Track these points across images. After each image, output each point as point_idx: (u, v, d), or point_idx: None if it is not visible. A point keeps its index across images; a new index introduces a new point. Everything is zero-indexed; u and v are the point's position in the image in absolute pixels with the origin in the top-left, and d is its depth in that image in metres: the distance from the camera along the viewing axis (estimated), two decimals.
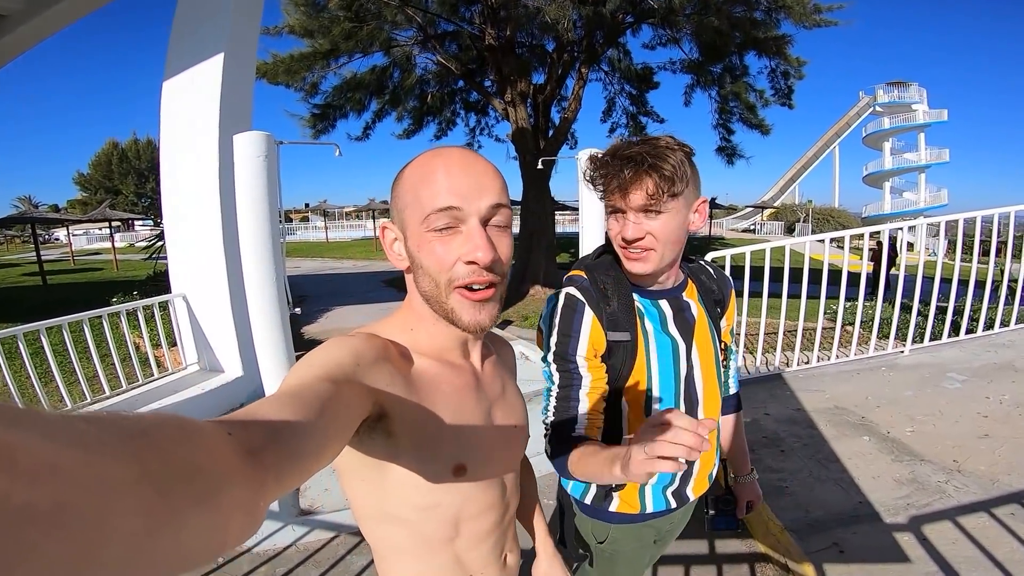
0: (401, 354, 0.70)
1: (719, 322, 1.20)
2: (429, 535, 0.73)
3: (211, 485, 0.32)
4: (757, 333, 4.16)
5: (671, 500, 1.17)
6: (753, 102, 10.81)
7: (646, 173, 0.95)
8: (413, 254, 0.69)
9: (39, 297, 12.00)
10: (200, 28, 4.24)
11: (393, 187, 0.72)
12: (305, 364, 0.58)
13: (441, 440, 0.69)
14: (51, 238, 35.31)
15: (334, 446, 0.50)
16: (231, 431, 0.37)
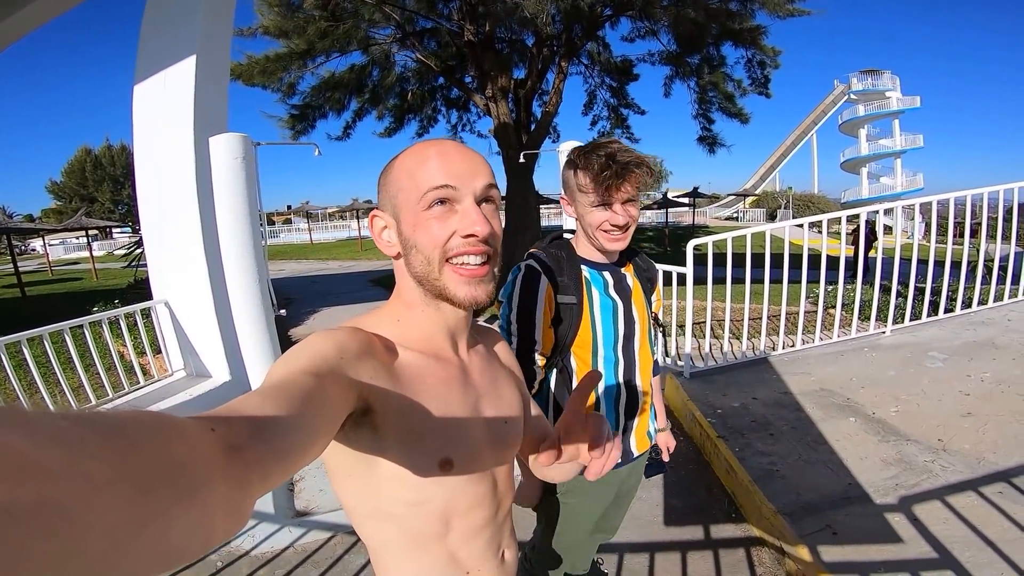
0: (386, 347, 0.70)
1: (650, 297, 1.47)
2: (419, 531, 0.72)
3: (194, 482, 0.31)
4: (742, 319, 4.20)
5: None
6: (731, 92, 10.92)
7: (634, 176, 1.21)
8: (407, 235, 0.70)
9: (18, 309, 11.72)
10: (170, 30, 4.15)
11: (383, 175, 0.73)
12: (288, 358, 0.58)
13: (426, 434, 0.69)
14: (27, 249, 34.50)
15: (320, 441, 0.49)
16: (214, 427, 0.37)
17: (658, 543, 2.33)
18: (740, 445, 2.78)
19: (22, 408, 0.25)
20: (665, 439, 1.64)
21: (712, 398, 3.48)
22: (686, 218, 29.66)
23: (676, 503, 2.64)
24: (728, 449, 2.74)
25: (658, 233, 23.88)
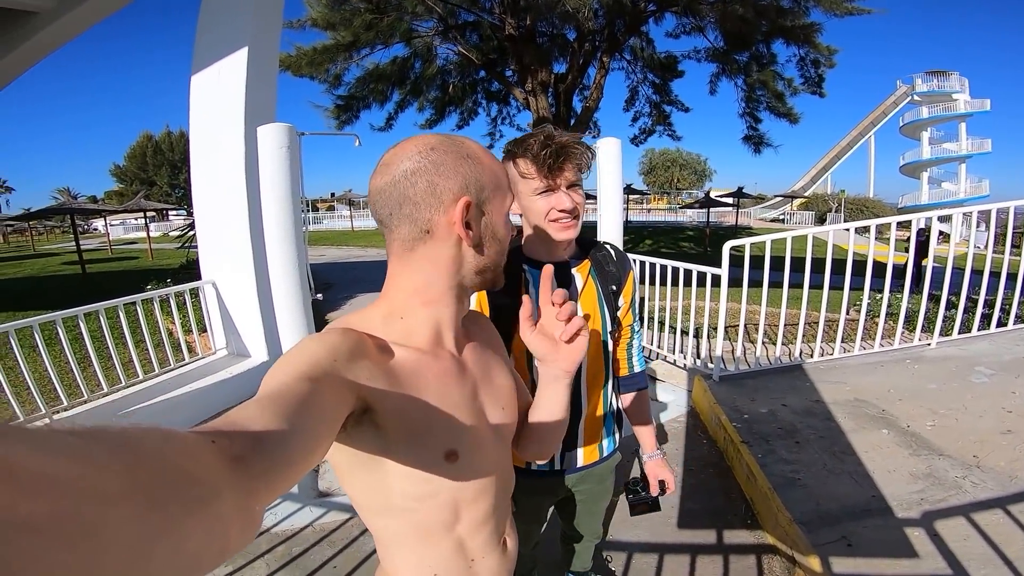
0: (378, 346, 0.69)
1: (613, 299, 1.36)
2: (430, 523, 0.74)
3: (203, 492, 0.32)
4: (777, 324, 4.10)
5: (557, 463, 1.38)
6: (781, 90, 10.61)
7: (575, 155, 1.16)
8: (496, 228, 0.75)
9: (78, 285, 12.47)
10: (224, 23, 4.34)
11: (471, 163, 0.73)
12: (282, 365, 0.58)
13: (429, 428, 0.70)
14: (90, 228, 36.53)
15: (321, 445, 0.50)
16: (214, 439, 0.37)
17: (668, 544, 2.33)
18: (763, 451, 2.74)
19: (26, 425, 0.26)
20: (655, 469, 1.49)
21: (740, 402, 3.42)
22: (729, 218, 28.93)
23: (692, 506, 2.62)
24: (751, 455, 2.70)
25: (699, 233, 23.39)
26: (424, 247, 0.71)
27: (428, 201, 0.69)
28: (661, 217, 33.62)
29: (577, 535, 1.64)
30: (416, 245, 0.71)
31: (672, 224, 30.27)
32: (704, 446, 3.27)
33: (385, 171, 0.71)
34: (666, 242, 21.66)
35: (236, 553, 0.36)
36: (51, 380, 3.50)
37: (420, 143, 0.71)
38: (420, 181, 0.69)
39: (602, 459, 1.44)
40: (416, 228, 0.70)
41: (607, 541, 2.37)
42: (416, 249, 0.72)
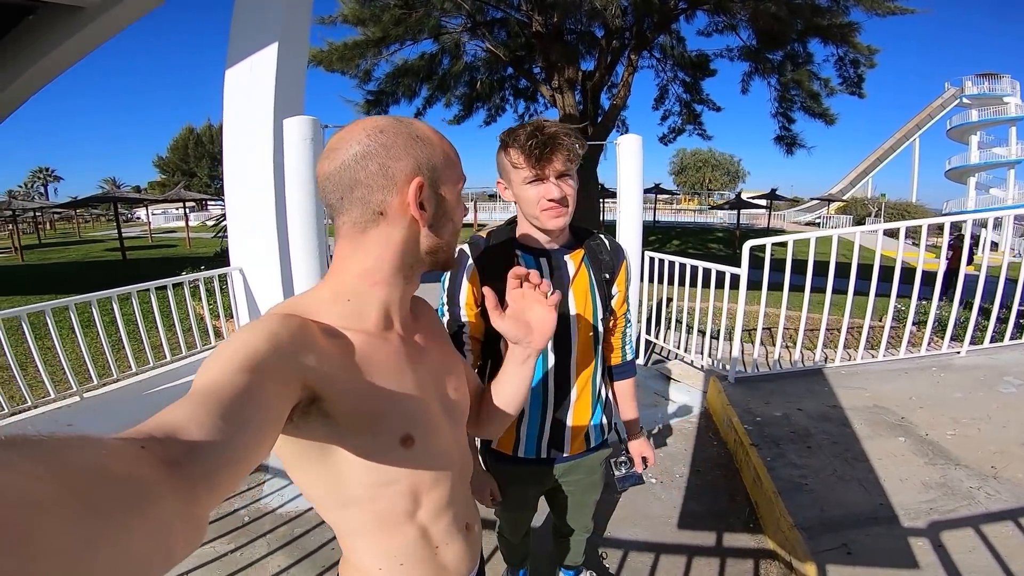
0: (324, 330, 0.66)
1: (607, 287, 1.38)
2: (390, 512, 0.72)
3: (140, 496, 0.31)
4: (798, 328, 4.03)
5: (543, 450, 1.40)
6: (817, 90, 10.30)
7: (562, 147, 1.16)
8: (450, 207, 0.75)
9: (117, 270, 12.99)
10: (256, 18, 4.45)
11: (420, 144, 0.73)
12: (217, 357, 0.53)
13: (382, 414, 0.68)
14: (133, 217, 37.86)
15: (264, 442, 0.48)
16: (143, 445, 0.36)
17: (666, 544, 2.32)
18: (773, 455, 2.70)
19: None
20: (638, 447, 1.57)
21: (753, 405, 3.38)
22: (761, 220, 28.28)
23: (695, 507, 2.60)
24: (759, 457, 2.67)
25: (728, 235, 22.97)
26: (377, 229, 0.70)
27: (380, 183, 0.68)
28: (690, 218, 33.08)
29: (568, 529, 1.66)
30: (368, 227, 0.70)
31: (702, 225, 29.79)
32: (714, 447, 3.24)
33: (334, 156, 0.69)
34: (694, 243, 21.34)
35: (183, 559, 0.35)
36: (84, 360, 3.63)
37: (368, 126, 0.70)
38: (371, 164, 0.68)
39: (589, 449, 1.45)
40: (368, 211, 0.69)
41: (604, 538, 2.37)
42: (368, 231, 0.70)
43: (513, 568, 1.91)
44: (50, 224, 32.92)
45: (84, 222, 35.60)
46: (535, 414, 1.35)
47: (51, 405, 3.50)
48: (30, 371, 3.97)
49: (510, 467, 1.43)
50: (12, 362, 3.21)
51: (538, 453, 1.39)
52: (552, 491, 1.55)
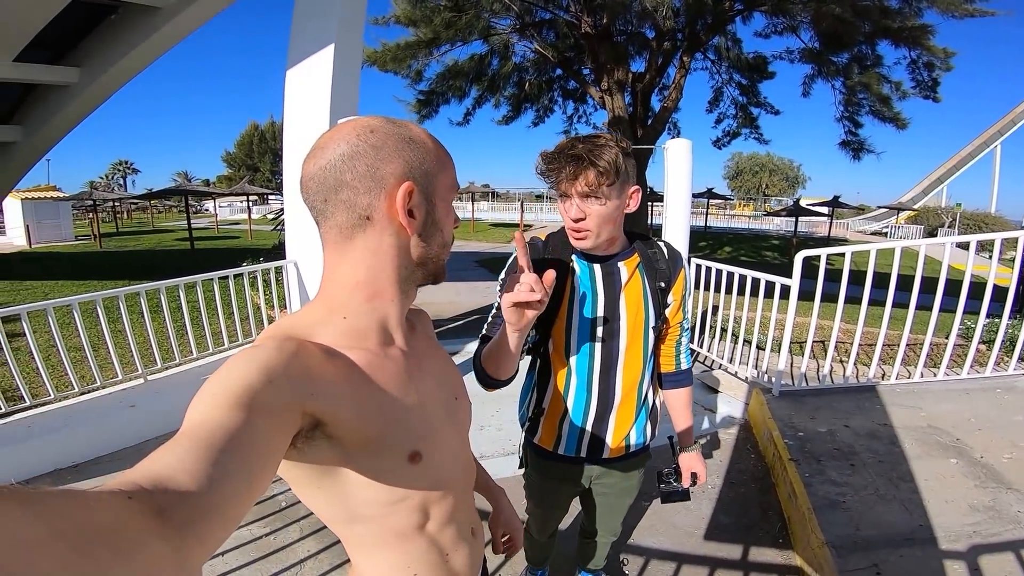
0: (323, 351, 0.63)
1: (661, 295, 1.38)
2: (401, 526, 0.71)
3: (130, 542, 0.31)
4: (851, 342, 3.85)
5: (583, 450, 1.41)
6: (887, 94, 9.73)
7: (587, 168, 1.15)
8: (439, 217, 0.72)
9: (186, 259, 13.81)
10: (314, 21, 4.64)
11: (412, 147, 0.70)
12: (206, 395, 0.50)
13: (388, 432, 0.65)
14: (201, 208, 39.97)
15: (256, 486, 0.46)
16: (131, 495, 0.35)
17: (689, 555, 2.29)
18: (812, 471, 2.61)
19: None
20: (689, 461, 1.51)
21: (797, 419, 3.27)
22: (822, 228, 26.98)
23: (724, 519, 2.55)
24: (796, 473, 2.59)
25: (784, 242, 22.08)
26: (363, 235, 0.66)
27: (367, 186, 0.64)
28: (745, 224, 31.95)
29: (596, 530, 1.66)
30: (354, 233, 0.66)
31: (756, 232, 28.73)
32: (751, 460, 3.16)
33: (320, 155, 0.65)
34: (747, 250, 20.64)
35: None
36: (150, 344, 3.86)
37: (359, 125, 0.67)
38: (359, 165, 0.64)
39: (629, 454, 1.45)
40: (354, 215, 0.65)
41: (626, 544, 2.36)
42: (354, 238, 0.67)
43: (533, 567, 1.93)
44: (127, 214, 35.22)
45: (158, 212, 37.93)
46: (577, 414, 1.37)
47: (118, 386, 3.77)
48: (101, 353, 4.28)
49: (550, 463, 1.46)
50: (86, 343, 3.48)
51: (578, 452, 1.41)
52: (586, 492, 1.56)
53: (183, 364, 4.16)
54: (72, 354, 3.72)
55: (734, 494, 2.78)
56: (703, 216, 27.57)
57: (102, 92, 7.77)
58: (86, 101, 7.89)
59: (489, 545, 1.01)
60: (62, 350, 3.38)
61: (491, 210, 32.08)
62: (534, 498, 1.60)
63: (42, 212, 20.69)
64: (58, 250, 18.05)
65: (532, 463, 1.51)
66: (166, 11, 6.07)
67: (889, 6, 8.20)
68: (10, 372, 3.27)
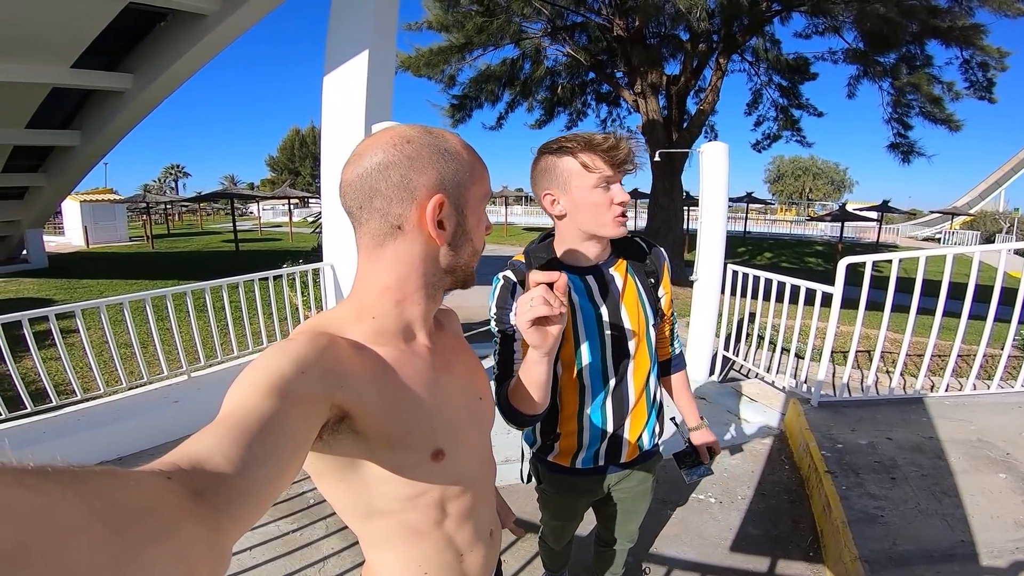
0: (354, 347, 0.65)
1: (653, 292, 1.37)
2: (417, 522, 0.72)
3: (166, 523, 0.31)
4: (898, 352, 3.68)
5: (600, 460, 1.39)
6: (939, 95, 9.29)
7: (635, 153, 1.17)
8: (471, 227, 0.73)
9: (231, 260, 14.34)
10: (349, 27, 4.75)
11: (447, 158, 0.70)
12: (243, 383, 0.53)
13: (413, 429, 0.67)
14: (246, 211, 41.42)
15: (288, 470, 0.48)
16: (170, 476, 0.36)
17: (714, 566, 2.23)
18: (849, 484, 2.51)
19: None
20: (701, 436, 1.52)
21: (836, 431, 3.15)
22: (870, 234, 25.91)
23: (753, 531, 2.48)
24: (832, 485, 2.49)
25: (829, 248, 21.32)
26: (394, 244, 0.68)
27: (400, 196, 0.66)
28: (787, 229, 30.97)
29: (612, 538, 1.64)
30: (386, 240, 0.68)
31: (799, 237, 27.82)
32: (785, 471, 3.06)
33: (357, 162, 0.68)
34: (789, 256, 20.01)
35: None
36: (195, 342, 3.99)
37: (396, 134, 0.68)
38: (393, 174, 0.66)
39: (643, 455, 1.44)
40: (386, 223, 0.67)
41: (649, 553, 2.33)
42: (386, 245, 0.69)
43: (552, 573, 1.92)
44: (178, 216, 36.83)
45: (206, 215, 39.45)
46: (595, 428, 1.35)
47: (163, 382, 3.93)
48: (149, 349, 4.48)
49: (566, 477, 1.44)
50: (135, 340, 3.65)
51: (595, 462, 1.39)
52: (602, 500, 1.54)
53: (224, 362, 4.29)
54: (121, 350, 3.89)
55: (765, 505, 2.70)
56: (742, 221, 26.87)
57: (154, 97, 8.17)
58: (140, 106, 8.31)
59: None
60: (113, 347, 3.55)
61: (524, 214, 32.17)
62: (550, 511, 1.59)
63: (99, 214, 21.84)
64: (113, 250, 19.05)
65: (547, 478, 1.49)
66: (212, 18, 6.37)
67: (937, 5, 7.84)
68: (63, 367, 3.45)
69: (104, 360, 4.61)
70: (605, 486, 1.47)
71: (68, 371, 3.37)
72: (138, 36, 7.37)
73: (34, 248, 14.08)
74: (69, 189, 12.01)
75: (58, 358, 3.43)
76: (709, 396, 4.14)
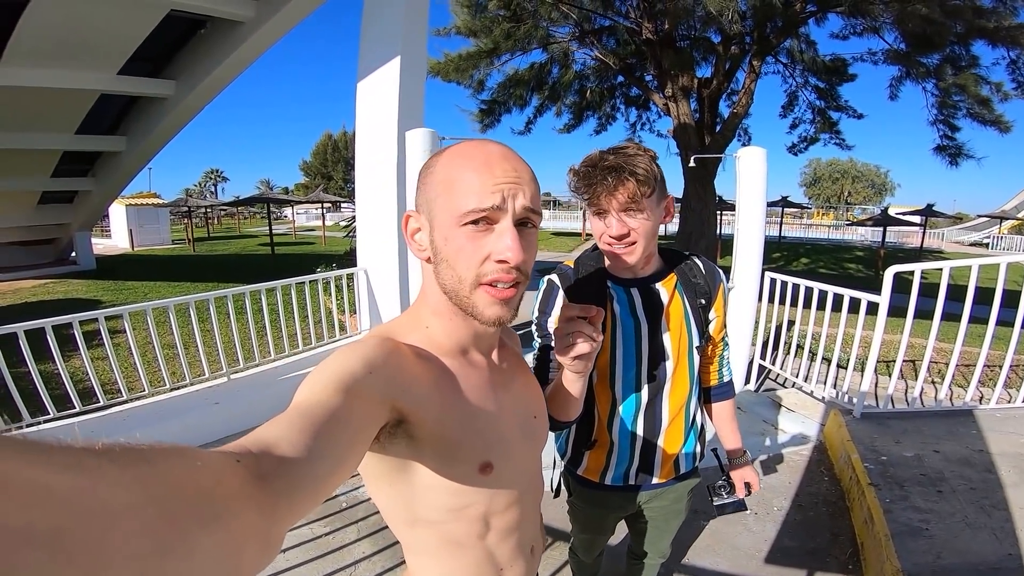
0: (417, 355, 0.68)
1: (703, 313, 1.31)
2: (461, 534, 0.72)
3: (219, 509, 0.32)
4: (947, 362, 3.54)
5: (631, 479, 1.36)
6: (987, 95, 8.91)
7: (626, 178, 1.09)
8: (439, 246, 0.68)
9: (268, 263, 14.72)
10: (380, 33, 4.82)
11: (424, 174, 0.70)
12: (315, 378, 0.56)
13: (464, 440, 0.68)
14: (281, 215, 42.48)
15: (348, 463, 0.49)
16: (240, 458, 0.37)
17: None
18: (893, 497, 2.43)
19: (37, 439, 0.25)
20: (741, 473, 1.46)
21: (880, 443, 3.04)
22: (913, 239, 24.95)
23: (790, 543, 2.41)
24: (875, 498, 2.41)
25: (871, 254, 20.62)
26: (425, 261, 0.73)
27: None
28: (824, 234, 30.08)
29: (644, 552, 1.62)
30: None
31: (838, 242, 26.95)
32: (824, 483, 2.98)
33: None
34: (827, 262, 19.43)
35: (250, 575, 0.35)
36: (234, 344, 4.11)
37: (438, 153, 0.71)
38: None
39: (678, 477, 1.40)
40: None
41: (681, 564, 2.29)
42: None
43: None
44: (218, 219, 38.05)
45: (244, 218, 40.66)
46: (625, 444, 1.32)
47: (204, 384, 4.03)
48: (191, 351, 4.63)
49: (596, 492, 1.42)
50: (178, 342, 3.78)
51: (625, 480, 1.37)
52: (633, 515, 1.52)
53: (261, 365, 4.40)
54: (165, 351, 4.02)
55: (802, 517, 2.63)
56: (776, 226, 26.21)
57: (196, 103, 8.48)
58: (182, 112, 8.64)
59: None
60: (157, 347, 3.68)
61: (552, 219, 32.07)
62: (579, 523, 1.57)
63: (144, 217, 22.73)
64: (157, 253, 19.80)
65: (577, 492, 1.47)
66: (248, 25, 6.59)
67: (982, 5, 7.53)
68: (109, 366, 3.59)
69: (148, 360, 4.78)
70: (636, 503, 1.44)
71: (115, 371, 3.50)
72: (179, 44, 7.68)
73: (83, 250, 14.66)
74: (116, 193, 12.54)
75: (105, 357, 3.57)
76: (745, 406, 4.06)
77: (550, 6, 9.21)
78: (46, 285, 11.97)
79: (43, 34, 6.10)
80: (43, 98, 7.45)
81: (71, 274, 13.67)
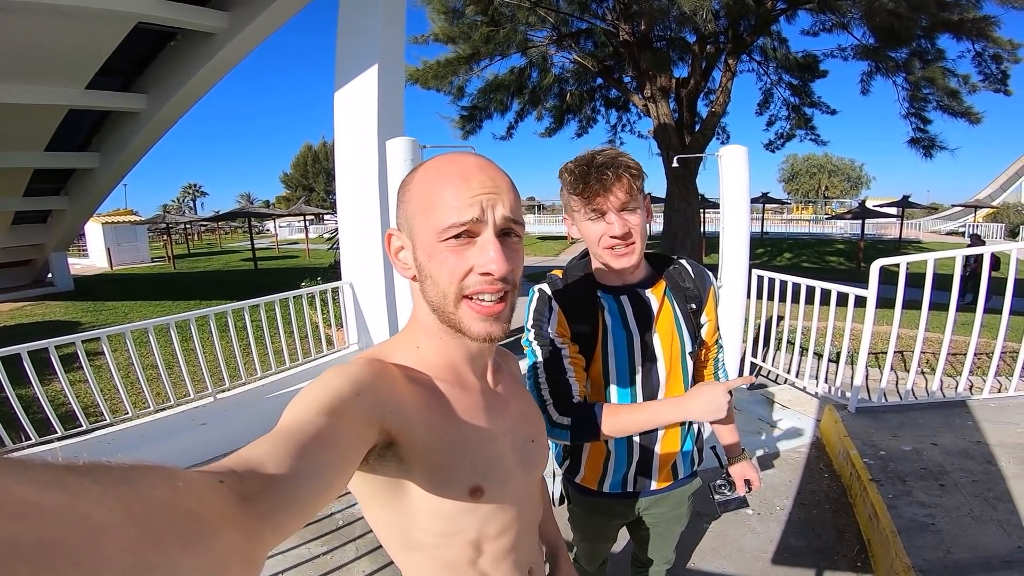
0: (407, 376, 0.67)
1: (695, 318, 1.29)
2: (452, 559, 0.71)
3: (202, 529, 0.31)
4: (937, 353, 3.55)
5: (629, 485, 1.33)
6: (956, 88, 9.13)
7: (621, 175, 1.08)
8: (422, 264, 0.67)
9: (250, 279, 14.50)
10: (357, 42, 4.75)
11: (401, 192, 0.70)
12: (303, 399, 0.55)
13: (455, 463, 0.67)
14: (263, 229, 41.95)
15: (335, 485, 0.49)
16: (223, 479, 0.37)
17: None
18: (896, 492, 2.41)
19: (19, 457, 0.26)
20: (741, 470, 1.44)
21: (878, 438, 3.04)
22: (891, 231, 25.42)
23: (795, 542, 2.39)
24: (878, 494, 2.39)
25: (851, 247, 20.94)
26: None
27: None
28: (805, 228, 30.51)
29: (648, 560, 1.59)
30: None
31: (818, 236, 27.37)
32: (824, 480, 2.96)
33: None
34: (810, 256, 19.69)
35: None
36: (219, 363, 3.99)
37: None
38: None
39: (677, 483, 1.39)
40: None
41: (687, 568, 2.26)
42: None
43: None
44: (198, 235, 37.45)
45: (225, 233, 40.04)
46: (621, 452, 1.31)
47: (190, 404, 3.91)
48: (175, 371, 4.50)
49: (595, 500, 1.40)
50: (160, 363, 3.67)
51: (623, 487, 1.35)
52: (634, 522, 1.50)
53: (247, 383, 4.29)
54: (147, 372, 3.91)
55: (806, 516, 2.60)
56: (758, 222, 26.53)
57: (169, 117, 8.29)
58: (155, 127, 8.43)
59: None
60: (139, 369, 3.57)
61: (537, 223, 32.11)
62: (580, 532, 1.54)
63: (121, 235, 22.27)
64: (136, 272, 19.41)
65: (575, 499, 1.45)
66: (221, 36, 6.47)
67: None
68: (90, 389, 3.48)
69: (131, 381, 4.64)
70: (636, 510, 1.42)
71: (96, 394, 3.39)
72: (150, 56, 7.48)
73: (60, 271, 14.32)
74: (91, 211, 12.23)
75: (85, 380, 3.46)
76: (739, 404, 4.04)
77: (528, 10, 9.23)
78: (23, 308, 11.69)
79: (4, 50, 5.90)
80: (9, 114, 7.19)
81: (49, 296, 13.34)
